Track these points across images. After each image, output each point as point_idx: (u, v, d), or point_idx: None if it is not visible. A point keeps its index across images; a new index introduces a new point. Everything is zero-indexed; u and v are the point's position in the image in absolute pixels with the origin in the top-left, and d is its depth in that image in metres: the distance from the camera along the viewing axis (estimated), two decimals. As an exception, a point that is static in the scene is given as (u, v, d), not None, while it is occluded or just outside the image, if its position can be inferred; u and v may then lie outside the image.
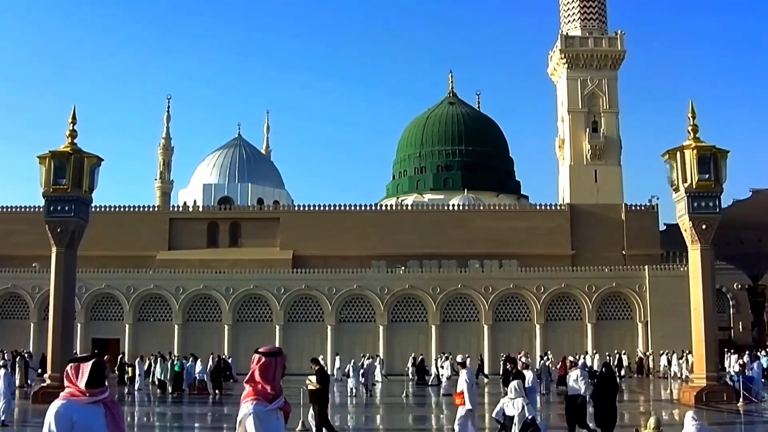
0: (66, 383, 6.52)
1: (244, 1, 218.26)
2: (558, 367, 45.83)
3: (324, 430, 21.26)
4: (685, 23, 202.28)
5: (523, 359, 39.40)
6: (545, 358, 49.08)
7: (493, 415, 20.09)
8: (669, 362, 56.79)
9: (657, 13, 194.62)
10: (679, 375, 53.65)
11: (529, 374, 26.45)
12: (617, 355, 57.46)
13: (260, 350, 6.83)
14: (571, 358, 37.04)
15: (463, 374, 19.45)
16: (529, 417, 18.46)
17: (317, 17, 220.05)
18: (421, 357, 55.74)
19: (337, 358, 57.74)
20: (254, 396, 6.66)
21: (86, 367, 6.48)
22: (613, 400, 21.89)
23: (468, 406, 18.73)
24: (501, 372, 39.64)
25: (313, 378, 22.09)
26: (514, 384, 19.44)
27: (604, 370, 23.15)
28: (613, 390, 22.25)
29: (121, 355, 53.24)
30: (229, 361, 51.40)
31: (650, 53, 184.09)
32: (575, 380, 21.82)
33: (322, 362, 26.59)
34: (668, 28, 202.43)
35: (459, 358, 21.26)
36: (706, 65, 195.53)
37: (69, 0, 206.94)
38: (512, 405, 18.80)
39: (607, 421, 20.94)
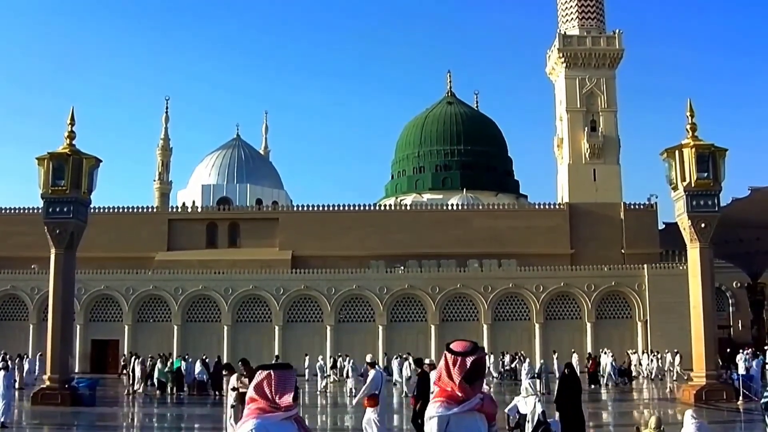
0: (254, 395, 5.71)
1: (242, 1, 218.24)
2: (588, 365, 47.98)
3: None
4: (683, 22, 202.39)
5: (427, 361, 39.11)
6: (553, 358, 49.25)
7: (506, 410, 20.07)
8: (640, 362, 56.31)
9: (655, 11, 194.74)
10: (652, 375, 53.63)
11: (372, 372, 24.73)
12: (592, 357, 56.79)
13: (452, 348, 5.99)
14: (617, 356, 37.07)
15: (370, 375, 19.22)
16: (540, 414, 18.47)
17: (315, 17, 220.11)
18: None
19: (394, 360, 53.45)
20: (441, 398, 5.93)
21: (290, 378, 5.76)
22: (578, 404, 20.52)
23: (373, 409, 18.55)
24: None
25: (246, 380, 21.75)
26: (527, 383, 19.47)
27: (566, 371, 21.74)
28: (577, 393, 20.73)
29: (131, 356, 53.01)
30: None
31: (648, 52, 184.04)
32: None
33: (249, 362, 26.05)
34: (666, 27, 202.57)
35: (368, 358, 20.62)
36: (705, 64, 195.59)
37: (67, 1, 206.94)
38: (525, 403, 18.85)
39: (574, 429, 19.69)
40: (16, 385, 42.87)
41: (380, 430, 18.75)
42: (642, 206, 75.53)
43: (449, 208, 77.43)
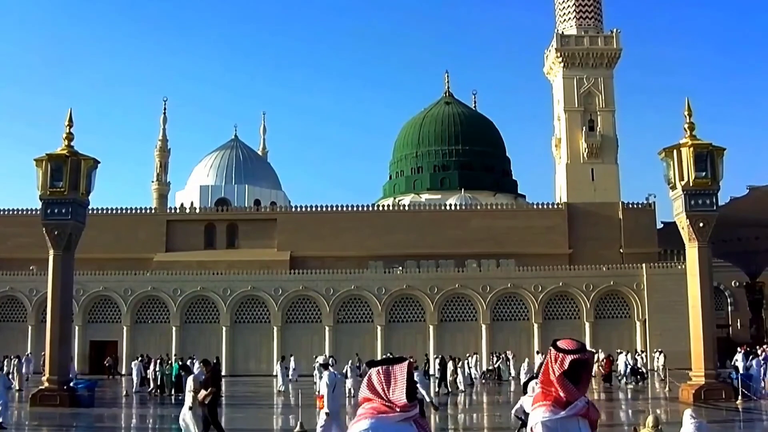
0: (367, 393, 5.18)
1: (241, 2, 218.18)
2: (604, 364, 48.62)
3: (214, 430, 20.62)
4: (680, 21, 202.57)
5: (320, 359, 38.85)
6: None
7: (513, 412, 20.01)
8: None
9: (652, 10, 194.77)
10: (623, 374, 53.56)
11: (326, 374, 23.47)
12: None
13: (557, 344, 5.59)
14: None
15: (324, 376, 19.08)
16: None
17: (313, 18, 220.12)
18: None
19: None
20: (547, 401, 5.52)
21: (400, 373, 5.15)
22: None
23: (326, 409, 18.46)
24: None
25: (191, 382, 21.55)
26: (533, 383, 19.38)
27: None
28: None
29: (114, 359, 53.08)
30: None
31: (646, 51, 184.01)
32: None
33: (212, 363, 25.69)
34: (664, 26, 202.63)
35: (320, 360, 20.36)
36: (702, 63, 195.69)
37: (65, 1, 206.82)
38: (529, 402, 18.78)
39: None
40: (16, 386, 43.04)
41: (330, 429, 18.60)
42: (640, 206, 75.57)
43: (447, 208, 77.45)
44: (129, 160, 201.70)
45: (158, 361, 44.40)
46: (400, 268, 67.27)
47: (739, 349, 49.63)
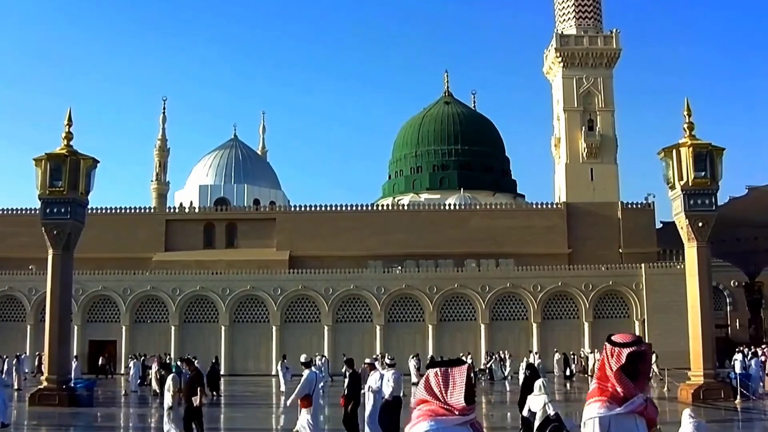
0: (424, 395, 5.00)
1: (240, 1, 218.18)
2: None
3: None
4: (680, 21, 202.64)
5: (367, 360, 38.56)
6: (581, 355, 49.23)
7: (524, 413, 19.97)
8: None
9: (652, 10, 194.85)
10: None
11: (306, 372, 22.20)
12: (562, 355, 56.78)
13: (612, 339, 5.42)
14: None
15: (304, 375, 19.10)
16: (553, 413, 18.38)
17: (312, 18, 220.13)
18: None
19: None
20: (602, 397, 5.35)
21: (459, 375, 4.98)
22: None
23: (307, 410, 18.44)
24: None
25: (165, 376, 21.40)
26: (540, 382, 19.42)
27: (528, 372, 20.90)
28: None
29: (108, 359, 52.94)
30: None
31: (646, 51, 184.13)
32: (388, 380, 19.82)
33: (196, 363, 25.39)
34: (663, 26, 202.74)
35: (303, 358, 20.23)
36: (702, 62, 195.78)
37: (65, 1, 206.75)
38: (536, 402, 18.90)
39: None
40: (15, 386, 43.07)
41: (314, 431, 18.61)
42: (639, 205, 75.56)
43: (446, 208, 77.47)
44: (128, 160, 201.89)
45: (160, 360, 44.36)
46: (399, 267, 67.26)
47: (738, 348, 49.67)
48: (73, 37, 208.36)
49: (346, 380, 21.41)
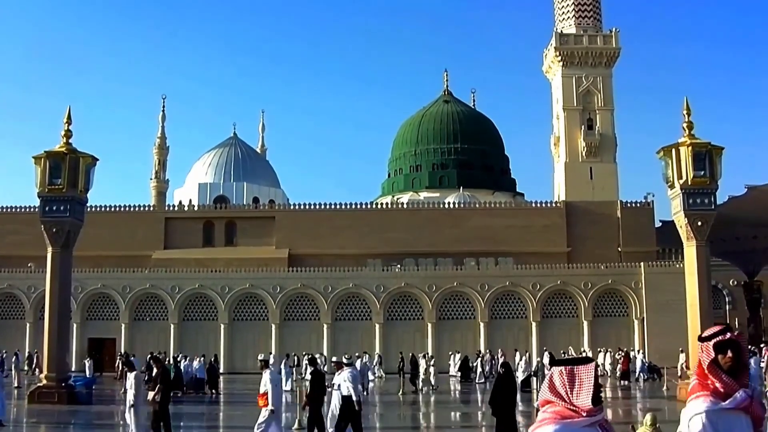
0: (549, 395, 4.73)
1: (239, 0, 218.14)
2: (621, 362, 49.47)
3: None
4: (679, 20, 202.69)
5: (261, 356, 38.57)
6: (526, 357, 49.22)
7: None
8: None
9: (651, 9, 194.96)
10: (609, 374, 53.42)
11: (267, 372, 21.66)
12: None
13: (703, 335, 5.03)
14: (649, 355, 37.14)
15: (266, 374, 19.05)
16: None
17: (312, 16, 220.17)
18: (465, 355, 55.54)
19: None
20: (704, 392, 4.94)
21: (586, 374, 4.67)
22: (512, 405, 19.61)
23: (270, 407, 18.30)
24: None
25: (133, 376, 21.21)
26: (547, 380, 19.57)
27: (502, 371, 20.30)
28: (512, 394, 19.60)
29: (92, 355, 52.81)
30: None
31: (645, 50, 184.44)
32: (344, 380, 19.90)
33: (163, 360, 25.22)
34: (663, 25, 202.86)
35: (261, 357, 20.15)
36: (701, 61, 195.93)
37: (64, 0, 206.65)
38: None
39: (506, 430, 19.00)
40: (15, 383, 43.11)
41: (270, 427, 18.51)
42: (639, 204, 75.57)
43: (446, 206, 77.48)
44: (128, 158, 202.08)
45: (125, 357, 44.40)
46: (399, 266, 67.27)
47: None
48: (72, 36, 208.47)
49: (308, 379, 21.35)
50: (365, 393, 40.81)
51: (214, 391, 41.69)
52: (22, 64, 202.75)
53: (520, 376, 42.98)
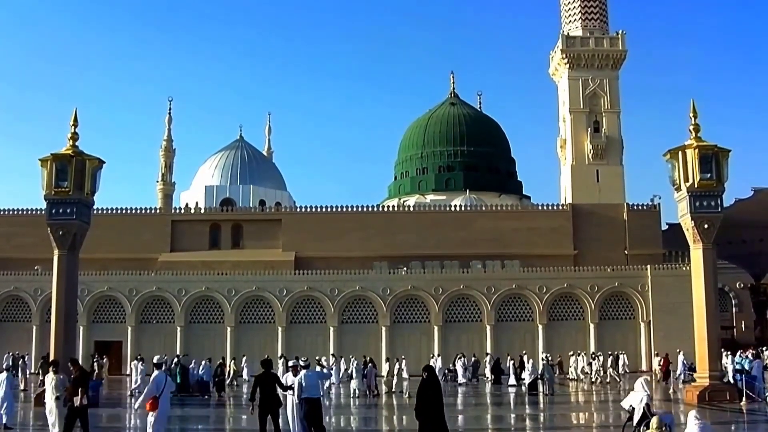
0: None
1: (246, 2, 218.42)
2: (660, 364, 50.09)
3: None
4: (686, 22, 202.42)
5: (156, 358, 38.34)
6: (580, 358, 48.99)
7: (627, 407, 20.47)
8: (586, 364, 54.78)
9: (658, 12, 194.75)
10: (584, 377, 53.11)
11: (155, 373, 20.54)
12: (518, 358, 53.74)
13: None
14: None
15: (153, 376, 18.80)
16: (645, 407, 19.36)
17: (318, 19, 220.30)
18: (497, 357, 55.08)
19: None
20: None
21: None
22: (440, 409, 18.88)
23: (153, 413, 18.27)
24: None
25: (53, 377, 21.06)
26: (641, 380, 20.09)
27: (425, 375, 19.46)
28: (438, 398, 18.98)
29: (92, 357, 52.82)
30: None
31: (652, 53, 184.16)
32: (299, 382, 20.08)
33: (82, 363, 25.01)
34: (669, 28, 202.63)
35: (155, 359, 19.92)
36: (708, 64, 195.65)
37: (71, 1, 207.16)
38: (635, 398, 19.78)
39: None
40: (22, 386, 43.15)
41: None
42: (645, 207, 75.42)
43: (452, 209, 77.40)
44: (134, 161, 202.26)
45: (174, 361, 44.36)
46: (405, 268, 67.24)
47: (741, 352, 49.63)
48: (79, 38, 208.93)
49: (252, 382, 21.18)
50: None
51: (221, 393, 41.71)
52: (27, 66, 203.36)
53: (527, 379, 42.94)
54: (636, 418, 19.54)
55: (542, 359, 44.11)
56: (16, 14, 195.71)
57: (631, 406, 19.96)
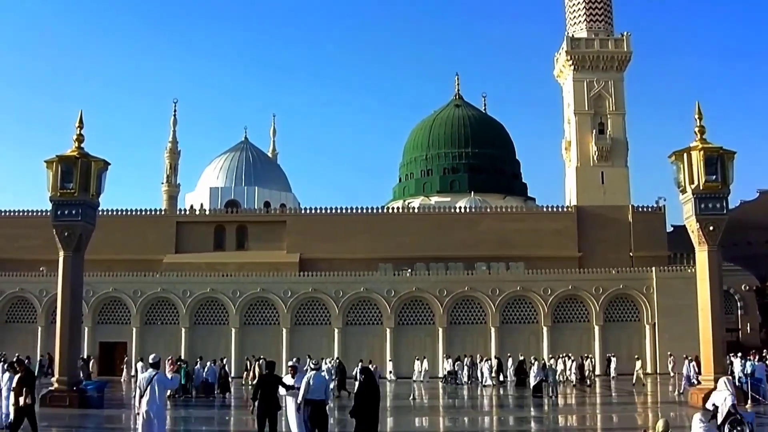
0: None
1: (251, 5, 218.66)
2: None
3: None
4: (691, 24, 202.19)
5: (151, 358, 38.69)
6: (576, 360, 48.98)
7: (709, 406, 20.41)
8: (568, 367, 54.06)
9: (663, 14, 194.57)
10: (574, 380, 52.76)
11: (147, 373, 20.36)
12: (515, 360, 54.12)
13: None
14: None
15: (144, 375, 18.78)
16: (731, 407, 19.29)
17: (323, 21, 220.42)
18: (521, 359, 53.51)
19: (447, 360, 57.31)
20: None
21: None
22: (375, 412, 18.88)
23: (144, 408, 18.31)
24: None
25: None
26: (723, 379, 20.19)
27: (363, 377, 19.57)
28: (375, 400, 19.00)
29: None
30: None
31: (657, 54, 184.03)
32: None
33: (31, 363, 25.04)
34: (675, 30, 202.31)
35: (151, 358, 19.82)
36: (713, 66, 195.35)
37: (76, 4, 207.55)
38: (719, 397, 19.78)
39: None
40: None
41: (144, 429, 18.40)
42: (650, 209, 75.43)
43: (457, 210, 77.42)
44: (139, 162, 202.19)
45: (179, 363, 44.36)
46: (410, 270, 67.29)
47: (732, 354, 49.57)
48: (84, 41, 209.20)
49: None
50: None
51: (224, 395, 41.72)
52: (33, 69, 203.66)
53: (532, 381, 42.88)
54: (720, 417, 19.56)
55: (543, 361, 44.11)
56: (22, 17, 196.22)
57: (714, 405, 19.90)
